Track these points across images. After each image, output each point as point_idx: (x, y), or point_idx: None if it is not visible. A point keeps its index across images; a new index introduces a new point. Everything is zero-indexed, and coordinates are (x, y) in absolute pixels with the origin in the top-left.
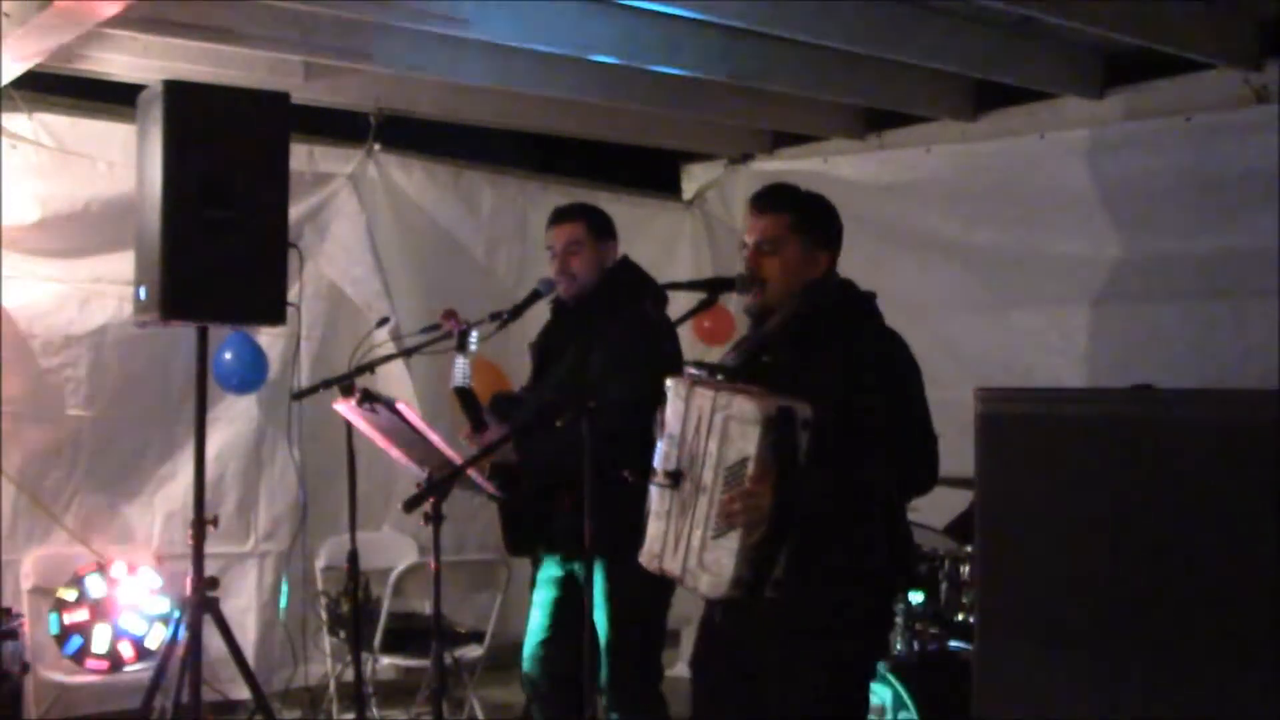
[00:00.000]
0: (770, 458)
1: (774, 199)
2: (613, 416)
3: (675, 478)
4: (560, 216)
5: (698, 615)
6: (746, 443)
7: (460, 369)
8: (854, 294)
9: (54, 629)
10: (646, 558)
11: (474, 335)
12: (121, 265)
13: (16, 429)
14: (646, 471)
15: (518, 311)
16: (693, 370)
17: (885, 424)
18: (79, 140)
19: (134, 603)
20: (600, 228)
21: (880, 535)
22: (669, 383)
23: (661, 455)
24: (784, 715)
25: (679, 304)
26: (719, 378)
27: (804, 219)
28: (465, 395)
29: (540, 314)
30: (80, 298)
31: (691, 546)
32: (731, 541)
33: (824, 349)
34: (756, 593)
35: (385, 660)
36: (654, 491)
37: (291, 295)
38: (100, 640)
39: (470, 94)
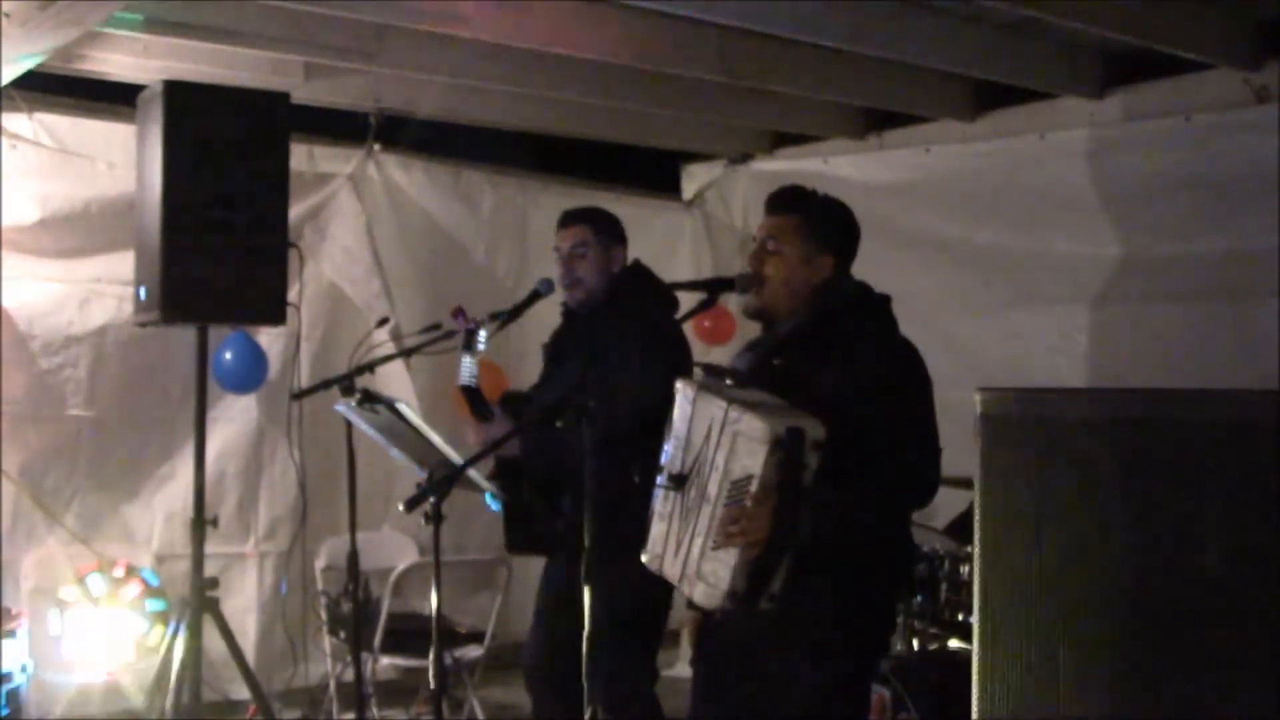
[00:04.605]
0: (775, 478)
1: (783, 200)
2: (618, 420)
3: (679, 481)
4: (568, 219)
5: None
6: (753, 460)
7: (467, 368)
8: (869, 298)
9: (54, 629)
10: (649, 557)
11: (482, 334)
12: (121, 265)
13: (16, 429)
14: (651, 474)
15: (518, 311)
16: (703, 373)
17: (888, 435)
18: (79, 140)
19: (134, 603)
20: (608, 231)
21: (881, 544)
22: (678, 384)
23: (667, 457)
24: (783, 716)
25: (679, 304)
26: (728, 382)
27: (809, 222)
28: (472, 394)
29: (541, 314)
30: (80, 298)
31: (691, 555)
32: (730, 555)
33: (834, 354)
34: (751, 605)
35: (385, 660)
36: (658, 493)
37: (291, 295)
38: (101, 640)
39: (470, 94)
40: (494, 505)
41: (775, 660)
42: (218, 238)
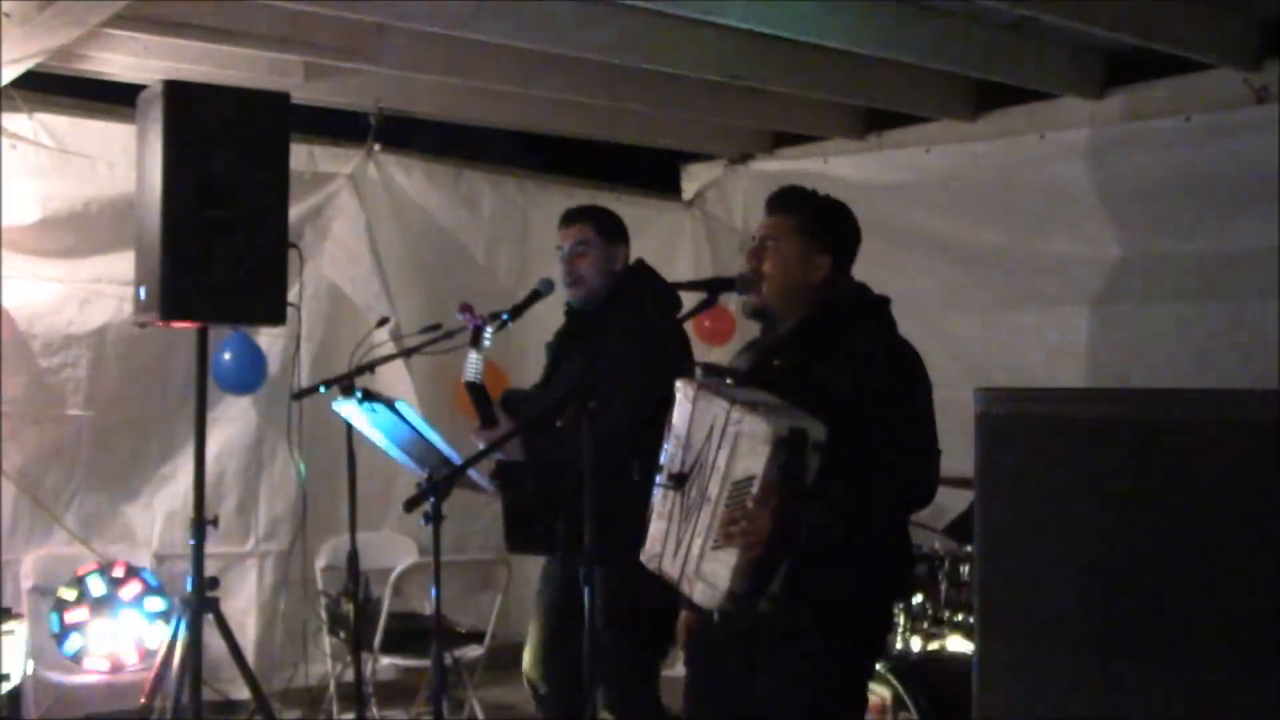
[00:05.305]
0: (776, 479)
1: (782, 200)
2: (618, 421)
3: (679, 480)
4: (569, 218)
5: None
6: (755, 460)
7: (473, 364)
8: (867, 300)
9: (54, 629)
10: (646, 556)
11: (489, 331)
12: (121, 265)
13: (16, 429)
14: (651, 472)
15: (518, 311)
16: (703, 373)
17: (888, 436)
18: (79, 140)
19: (134, 603)
20: (609, 230)
21: (880, 545)
22: (678, 384)
23: (667, 456)
24: (779, 716)
25: (681, 303)
26: (729, 382)
27: (807, 222)
28: (477, 390)
29: (541, 314)
30: (80, 298)
31: (691, 554)
32: (730, 556)
33: (834, 354)
34: (751, 605)
35: (385, 660)
36: (658, 492)
37: (291, 295)
38: (100, 640)
39: (470, 94)
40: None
41: (771, 660)
42: (218, 238)
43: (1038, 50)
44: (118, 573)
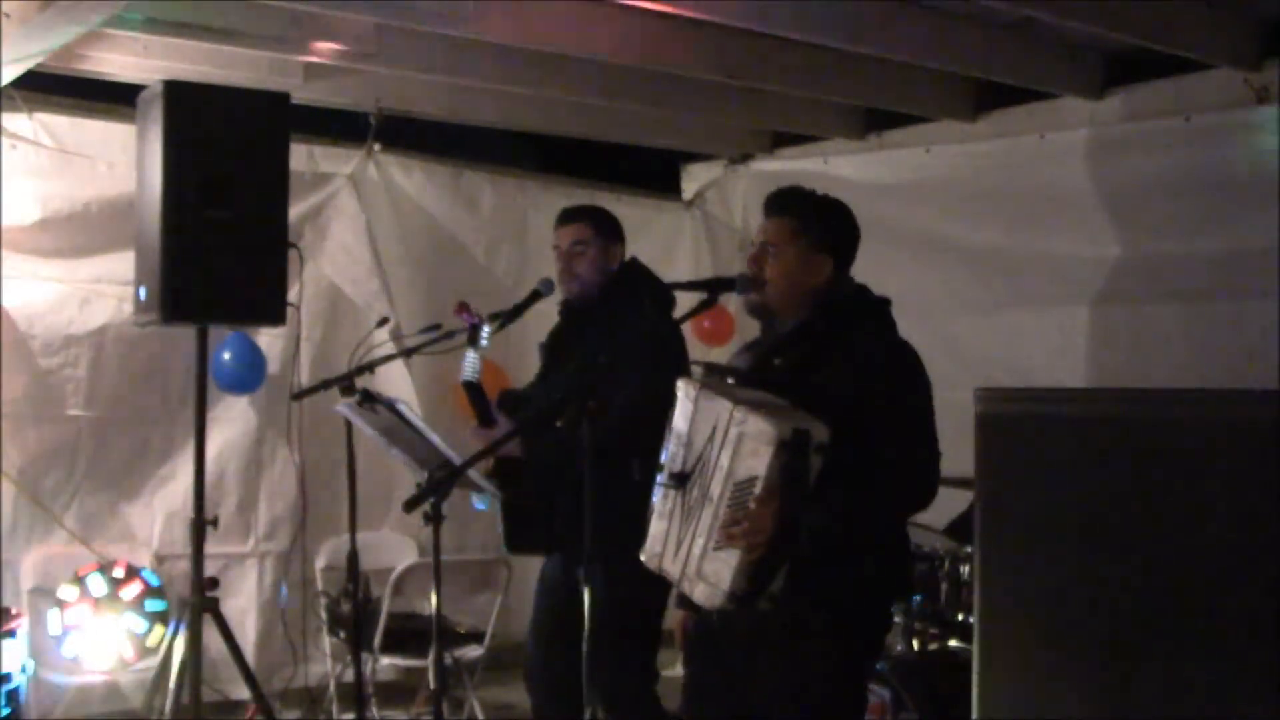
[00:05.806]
0: (779, 480)
1: (781, 202)
2: (616, 420)
3: (680, 480)
4: (567, 217)
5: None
6: (757, 461)
7: (470, 363)
8: (867, 300)
9: (54, 629)
10: (647, 555)
11: (486, 330)
12: (121, 265)
13: (16, 429)
14: (651, 472)
15: (518, 311)
16: (705, 372)
17: (888, 437)
18: (79, 140)
19: (134, 603)
20: (607, 229)
21: (879, 546)
22: (679, 383)
23: (668, 455)
24: (777, 716)
25: (679, 304)
26: (730, 381)
27: (807, 224)
28: (474, 390)
29: (544, 314)
30: (80, 298)
31: (692, 554)
32: (731, 556)
33: (834, 355)
34: (751, 605)
35: (385, 660)
36: (659, 491)
37: (291, 295)
38: (101, 640)
39: (470, 94)
40: (479, 505)
41: (769, 660)
42: (218, 238)
43: (1038, 50)
44: (118, 573)
